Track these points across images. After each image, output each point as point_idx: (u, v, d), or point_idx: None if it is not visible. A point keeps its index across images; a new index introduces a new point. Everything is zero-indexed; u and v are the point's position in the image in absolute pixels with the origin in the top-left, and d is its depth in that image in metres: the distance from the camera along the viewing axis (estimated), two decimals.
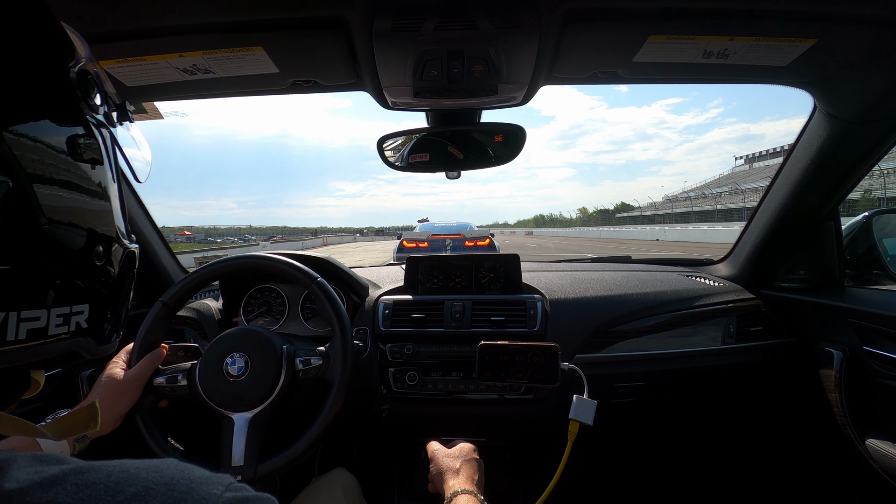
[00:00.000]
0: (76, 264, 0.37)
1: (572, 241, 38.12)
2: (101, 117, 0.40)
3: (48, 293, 0.34)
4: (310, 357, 0.89)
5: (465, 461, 0.80)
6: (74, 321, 0.37)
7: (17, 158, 0.31)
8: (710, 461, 1.55)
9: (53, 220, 0.34)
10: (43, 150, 0.33)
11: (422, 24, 0.72)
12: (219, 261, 0.99)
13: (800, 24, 0.74)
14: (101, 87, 0.40)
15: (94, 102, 0.38)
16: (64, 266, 0.36)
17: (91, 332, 0.39)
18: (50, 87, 0.35)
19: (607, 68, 0.88)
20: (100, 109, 0.40)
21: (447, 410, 1.23)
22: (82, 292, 0.38)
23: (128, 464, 0.29)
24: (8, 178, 0.30)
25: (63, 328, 0.36)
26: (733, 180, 66.76)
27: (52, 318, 0.35)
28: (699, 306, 1.28)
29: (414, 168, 1.13)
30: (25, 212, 0.32)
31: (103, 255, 0.39)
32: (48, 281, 0.34)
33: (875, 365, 1.07)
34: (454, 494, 0.71)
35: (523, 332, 1.21)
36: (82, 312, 0.37)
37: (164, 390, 0.86)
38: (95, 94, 0.39)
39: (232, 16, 0.72)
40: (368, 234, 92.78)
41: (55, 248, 0.35)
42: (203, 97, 0.98)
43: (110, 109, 0.42)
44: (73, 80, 0.36)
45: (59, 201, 0.35)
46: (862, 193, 30.84)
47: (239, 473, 0.80)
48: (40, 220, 0.33)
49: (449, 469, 0.78)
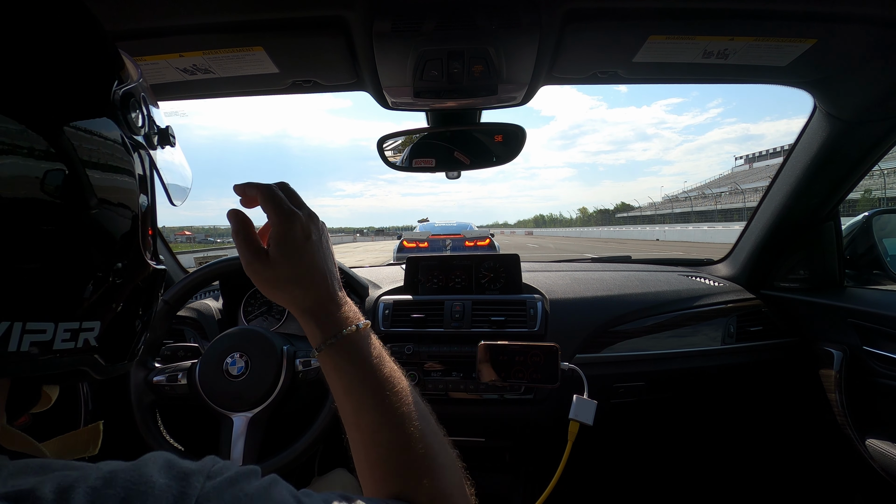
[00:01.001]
0: (93, 280, 0.36)
1: (572, 241, 37.88)
2: (141, 139, 0.41)
3: (59, 306, 0.34)
4: (310, 358, 0.89)
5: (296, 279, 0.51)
6: (83, 338, 0.35)
7: (69, 154, 0.31)
8: (711, 461, 1.55)
9: (72, 233, 0.34)
10: (80, 157, 0.33)
11: (422, 25, 0.72)
12: (220, 260, 0.99)
13: (800, 24, 0.74)
14: (144, 110, 0.41)
15: (134, 123, 0.39)
16: (79, 281, 0.35)
17: (100, 351, 0.38)
18: (92, 104, 0.35)
19: (607, 68, 0.88)
20: (140, 131, 0.40)
21: (447, 410, 1.23)
22: (95, 309, 0.36)
23: (106, 465, 0.28)
24: (64, 166, 0.31)
25: (70, 344, 0.34)
26: (733, 180, 66.62)
27: (59, 333, 0.33)
28: (699, 306, 1.28)
29: (414, 168, 1.13)
30: (68, 212, 0.32)
31: (123, 273, 0.38)
32: (61, 293, 0.34)
33: (875, 365, 1.07)
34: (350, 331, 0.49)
35: (523, 332, 1.21)
36: (92, 329, 0.36)
37: (164, 389, 0.86)
38: (137, 116, 0.39)
39: (232, 16, 0.72)
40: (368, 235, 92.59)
41: (71, 260, 0.34)
42: (203, 97, 0.98)
43: (152, 133, 0.43)
44: (115, 100, 0.37)
45: (99, 201, 0.35)
46: (862, 193, 30.75)
47: None
48: (75, 222, 0.33)
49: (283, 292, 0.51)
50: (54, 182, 0.31)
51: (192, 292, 0.97)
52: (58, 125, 0.32)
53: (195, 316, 1.26)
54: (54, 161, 0.31)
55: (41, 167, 0.31)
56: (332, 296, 0.50)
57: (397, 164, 1.12)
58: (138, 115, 0.40)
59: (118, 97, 0.37)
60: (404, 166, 1.12)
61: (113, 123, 0.37)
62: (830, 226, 1.23)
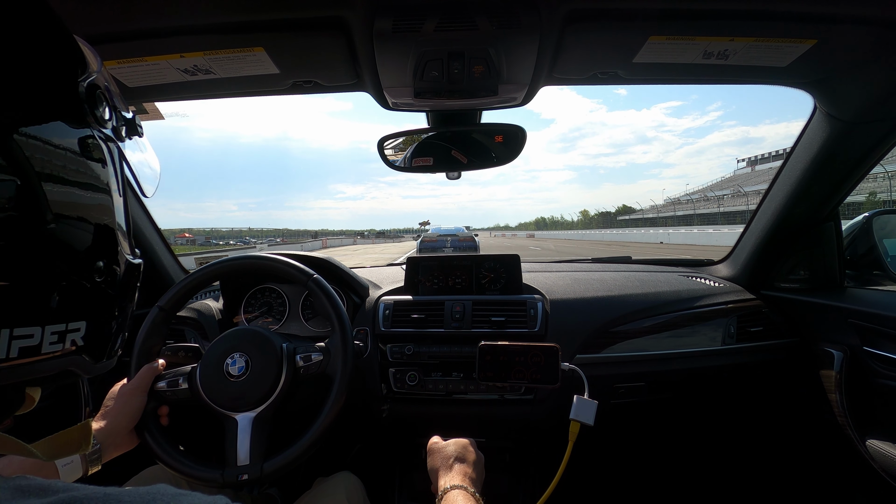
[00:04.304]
0: (75, 280, 0.36)
1: (575, 244, 37.02)
2: (109, 131, 0.40)
3: (44, 309, 0.33)
4: (310, 353, 0.89)
5: (458, 457, 0.78)
6: (70, 339, 0.35)
7: (20, 163, 0.31)
8: (711, 461, 1.55)
9: (52, 233, 0.33)
10: (44, 161, 0.32)
11: (422, 25, 0.72)
12: (215, 262, 0.99)
13: (800, 25, 0.74)
14: (110, 101, 0.40)
15: (102, 116, 0.38)
16: (62, 282, 0.35)
17: (87, 350, 0.38)
18: (57, 99, 0.34)
19: (607, 69, 0.88)
20: (108, 123, 0.39)
21: (447, 411, 1.23)
22: (80, 309, 0.36)
23: (114, 494, 0.27)
24: (16, 177, 0.30)
25: (57, 346, 0.34)
26: (736, 183, 66.35)
27: (47, 336, 0.33)
28: (699, 307, 1.28)
29: (414, 169, 1.13)
30: (25, 223, 0.31)
31: (104, 271, 0.38)
32: (44, 297, 0.33)
33: (875, 365, 1.07)
34: (444, 491, 0.70)
35: (524, 333, 1.21)
36: (78, 330, 0.36)
37: (166, 395, 0.86)
38: (104, 109, 0.38)
39: (233, 16, 0.72)
40: (369, 237, 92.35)
41: (53, 262, 0.34)
42: (204, 98, 0.98)
43: (119, 124, 0.42)
44: (81, 94, 0.36)
45: (56, 208, 0.33)
46: (867, 196, 30.58)
47: (245, 473, 0.80)
48: (40, 231, 0.32)
49: (442, 465, 0.77)
50: (6, 193, 0.30)
51: (189, 296, 0.97)
52: (16, 128, 0.31)
53: (195, 316, 1.26)
54: (6, 173, 0.30)
55: (4, 178, 0.30)
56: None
57: (397, 164, 1.12)
58: (105, 107, 0.38)
59: (83, 90, 0.36)
60: (404, 166, 1.12)
61: (84, 121, 0.36)
62: (830, 226, 1.23)
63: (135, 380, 0.84)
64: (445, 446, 0.81)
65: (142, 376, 0.85)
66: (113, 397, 0.82)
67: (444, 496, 0.69)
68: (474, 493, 0.69)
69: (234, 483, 0.80)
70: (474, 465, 0.78)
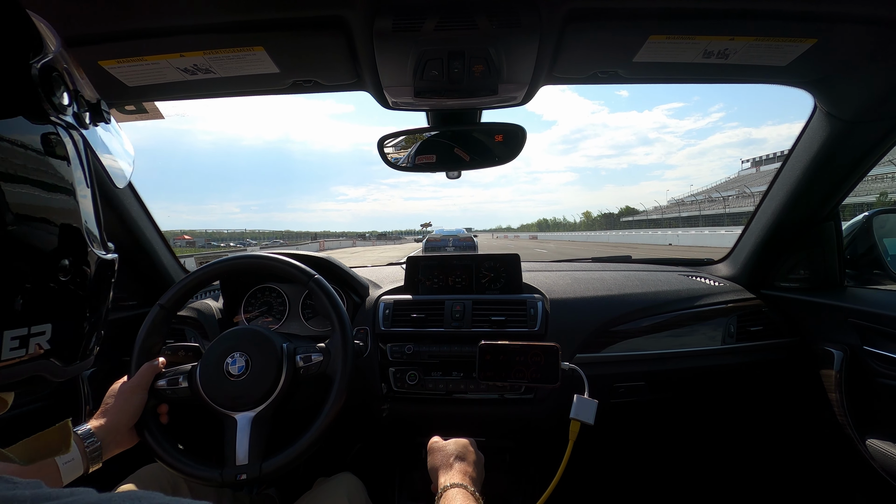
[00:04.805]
0: (37, 282, 0.33)
1: (581, 246, 35.57)
2: (71, 118, 0.37)
3: (2, 315, 0.31)
4: (310, 353, 0.89)
5: (459, 456, 0.78)
6: (34, 343, 0.33)
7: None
8: (711, 461, 1.55)
9: (11, 235, 0.31)
10: (5, 164, 0.30)
11: (422, 24, 0.72)
12: (216, 261, 0.99)
13: (800, 24, 0.74)
14: (70, 85, 0.37)
15: (60, 102, 0.35)
16: (22, 285, 0.32)
17: (55, 354, 0.36)
18: (7, 84, 0.32)
19: (608, 68, 0.88)
20: (67, 110, 0.36)
21: (447, 410, 1.23)
22: (44, 311, 0.34)
23: (93, 498, 0.26)
24: None
25: (20, 351, 0.32)
26: (741, 183, 65.81)
27: (7, 342, 0.31)
28: (699, 306, 1.28)
29: (414, 168, 1.13)
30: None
31: (70, 269, 0.36)
32: (2, 302, 0.31)
33: (875, 365, 1.07)
34: (444, 489, 0.70)
35: (523, 332, 1.21)
36: (43, 333, 0.34)
37: (166, 393, 0.86)
38: (62, 94, 0.36)
39: (233, 16, 0.72)
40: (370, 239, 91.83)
41: (10, 263, 0.31)
42: (204, 97, 0.98)
43: (81, 110, 0.39)
44: (34, 77, 0.33)
45: (15, 209, 0.31)
46: (878, 197, 30.16)
47: (244, 472, 0.80)
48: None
49: (443, 464, 0.77)
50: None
51: (189, 295, 0.97)
52: None
53: (195, 316, 1.26)
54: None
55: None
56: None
57: (397, 164, 1.12)
58: (63, 91, 0.36)
59: (36, 74, 0.33)
60: (404, 166, 1.12)
61: (38, 107, 0.33)
62: (831, 225, 1.23)
63: (135, 378, 0.84)
64: (445, 445, 0.81)
65: (142, 374, 0.85)
66: (113, 395, 0.82)
67: (443, 494, 0.69)
68: (474, 492, 0.70)
69: (232, 482, 0.80)
70: (474, 464, 0.78)
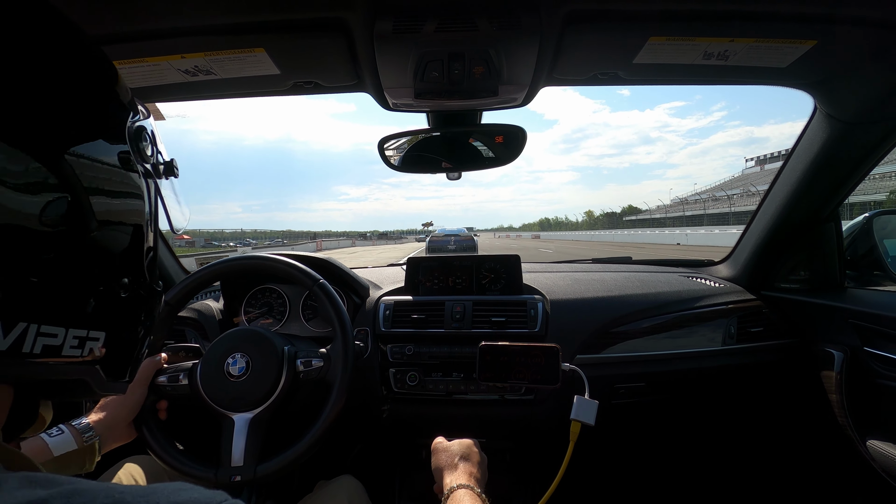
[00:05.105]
0: (102, 290, 0.38)
1: (584, 246, 34.33)
2: (150, 167, 0.45)
3: (70, 313, 0.35)
4: (311, 358, 0.89)
5: (463, 457, 0.78)
6: (89, 346, 0.37)
7: (72, 181, 0.34)
8: (712, 462, 1.55)
9: (93, 241, 0.36)
10: (93, 177, 0.36)
11: (423, 26, 0.72)
12: (222, 261, 0.99)
13: (800, 26, 0.74)
14: (154, 143, 0.46)
15: (144, 152, 0.43)
16: (90, 289, 0.37)
17: (103, 363, 0.39)
18: (112, 137, 0.40)
19: (608, 69, 0.88)
20: (150, 159, 0.45)
21: (448, 411, 1.23)
22: (102, 319, 0.38)
23: (115, 489, 0.29)
24: (67, 194, 0.34)
25: (77, 351, 0.36)
26: (745, 182, 65.12)
27: (69, 339, 0.35)
28: (700, 307, 1.28)
29: (415, 169, 1.13)
30: (71, 233, 0.34)
31: (129, 287, 0.41)
32: (72, 301, 0.36)
33: (876, 366, 1.07)
34: (451, 490, 0.70)
35: (524, 333, 1.21)
36: (98, 339, 0.38)
37: (166, 389, 0.87)
38: (147, 146, 0.44)
39: (233, 17, 0.72)
40: (371, 238, 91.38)
41: (87, 269, 0.36)
42: (204, 98, 0.98)
43: (159, 163, 0.47)
44: (130, 131, 0.42)
45: (99, 216, 0.37)
46: (888, 195, 29.77)
47: (238, 474, 0.80)
48: (82, 240, 0.35)
49: (448, 464, 0.77)
50: (57, 210, 0.33)
51: (194, 293, 0.97)
52: (90, 158, 0.36)
53: (196, 316, 1.26)
54: (59, 191, 0.33)
55: (45, 196, 0.32)
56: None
57: (398, 165, 1.12)
58: (147, 146, 0.44)
59: (133, 130, 0.42)
60: (405, 167, 1.12)
61: (128, 155, 0.41)
62: (831, 227, 1.23)
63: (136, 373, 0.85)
64: (450, 446, 0.81)
65: (143, 370, 0.85)
66: None
67: (450, 495, 0.69)
68: (480, 494, 0.70)
69: (226, 483, 0.80)
70: (479, 465, 0.78)
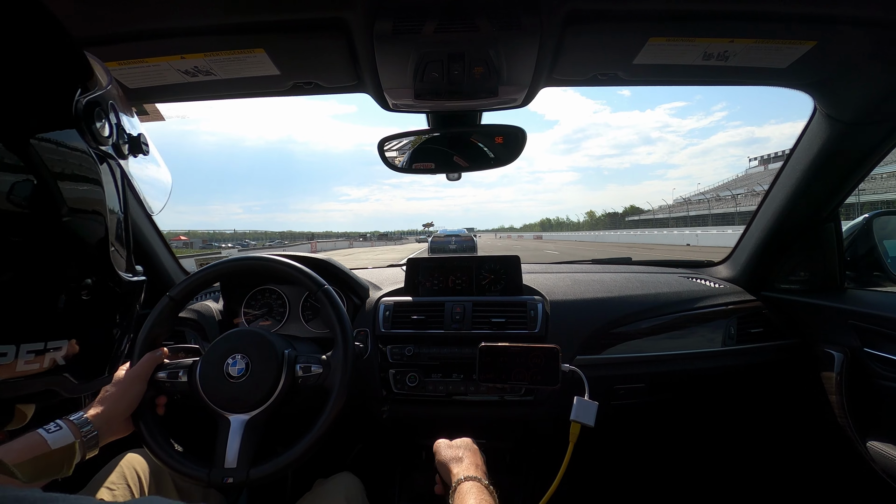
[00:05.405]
0: (58, 298, 0.35)
1: (589, 246, 32.63)
2: (110, 149, 0.39)
3: (20, 328, 0.32)
4: (310, 364, 0.89)
5: (468, 450, 0.79)
6: (49, 358, 0.34)
7: (31, 166, 0.30)
8: (712, 463, 1.55)
9: (34, 253, 0.32)
10: (43, 166, 0.32)
11: (422, 27, 0.72)
12: (226, 260, 0.99)
13: (800, 26, 0.74)
14: (112, 119, 0.40)
15: (99, 133, 0.37)
16: (41, 300, 0.34)
17: (70, 370, 0.37)
18: (52, 116, 0.34)
19: (608, 70, 0.89)
20: (107, 141, 0.39)
21: (448, 412, 1.23)
22: (63, 328, 0.35)
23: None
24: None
25: (34, 365, 0.33)
26: (749, 182, 64.48)
27: (22, 354, 0.32)
28: (700, 308, 1.28)
29: (415, 170, 1.13)
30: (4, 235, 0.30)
31: (93, 289, 0.37)
32: (21, 316, 0.32)
33: (876, 367, 1.07)
34: (458, 482, 0.70)
35: (524, 334, 1.20)
36: (60, 349, 0.35)
37: (165, 385, 0.87)
38: (104, 126, 0.38)
39: (233, 18, 0.72)
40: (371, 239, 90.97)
41: (33, 281, 0.33)
42: (204, 99, 0.98)
43: (121, 142, 0.41)
44: (79, 111, 0.35)
45: (49, 219, 0.33)
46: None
47: (231, 476, 0.80)
48: (19, 252, 0.31)
49: (453, 458, 0.78)
50: (21, 193, 0.30)
51: (199, 290, 0.97)
52: (19, 137, 0.31)
53: (195, 317, 1.26)
54: (18, 173, 0.30)
55: (5, 179, 0.29)
56: None
57: (398, 166, 1.12)
58: (104, 124, 0.38)
59: (81, 107, 0.35)
60: (405, 168, 1.12)
61: (77, 134, 0.35)
62: (831, 227, 1.23)
63: (137, 367, 0.85)
64: (453, 442, 0.82)
65: (144, 364, 0.85)
66: (113, 383, 0.82)
67: (457, 487, 0.69)
68: (488, 486, 0.70)
69: (219, 484, 0.80)
70: (483, 461, 0.79)
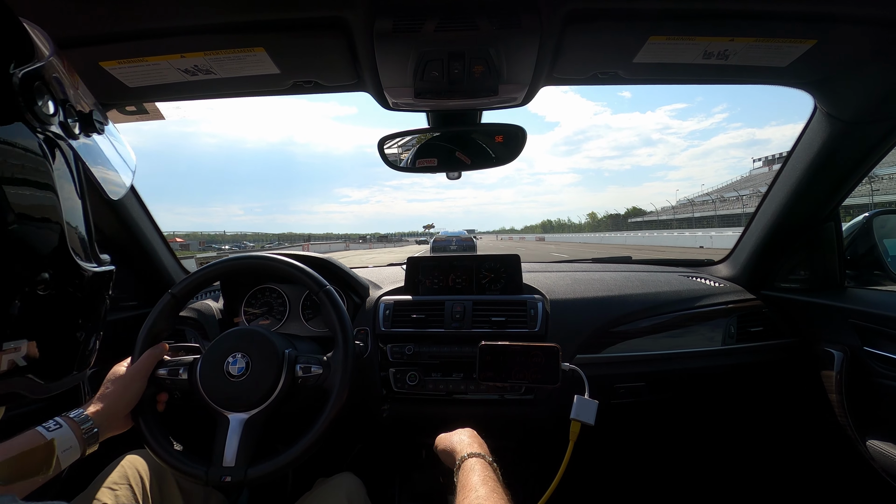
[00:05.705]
0: (11, 296, 0.32)
1: (594, 248, 30.89)
2: (57, 128, 0.35)
3: None
4: (310, 365, 0.89)
5: (470, 435, 0.81)
6: (6, 360, 0.32)
7: None
8: (712, 462, 1.55)
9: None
10: None
11: (422, 25, 0.72)
12: (228, 258, 0.99)
13: (800, 25, 0.74)
14: (57, 94, 0.35)
15: (43, 112, 0.33)
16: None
17: (33, 370, 0.34)
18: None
19: (608, 69, 0.89)
20: (52, 119, 0.34)
21: (448, 411, 1.23)
22: (19, 327, 0.33)
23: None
24: None
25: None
26: (753, 182, 64.24)
27: None
28: (700, 307, 1.28)
29: (415, 169, 1.13)
30: None
31: (51, 283, 0.34)
32: None
33: (876, 365, 1.07)
34: (462, 459, 0.70)
35: (524, 333, 1.21)
36: (18, 350, 0.33)
37: (165, 382, 0.87)
38: (47, 103, 0.34)
39: (233, 17, 0.72)
40: (370, 241, 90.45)
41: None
42: (204, 98, 0.98)
43: (70, 120, 0.37)
44: (14, 86, 0.31)
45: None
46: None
47: (229, 475, 0.80)
48: None
49: (457, 441, 0.78)
50: None
51: (201, 287, 0.97)
52: None
53: (196, 316, 1.26)
54: None
55: None
56: None
57: (398, 165, 1.12)
58: (47, 101, 0.34)
59: (17, 81, 0.31)
60: (405, 167, 1.12)
61: (19, 117, 0.32)
62: (831, 226, 1.23)
63: (138, 363, 0.85)
64: (454, 431, 0.84)
65: (145, 360, 0.85)
66: (113, 379, 0.82)
67: (461, 464, 0.69)
68: (491, 462, 0.70)
69: (216, 483, 0.80)
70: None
